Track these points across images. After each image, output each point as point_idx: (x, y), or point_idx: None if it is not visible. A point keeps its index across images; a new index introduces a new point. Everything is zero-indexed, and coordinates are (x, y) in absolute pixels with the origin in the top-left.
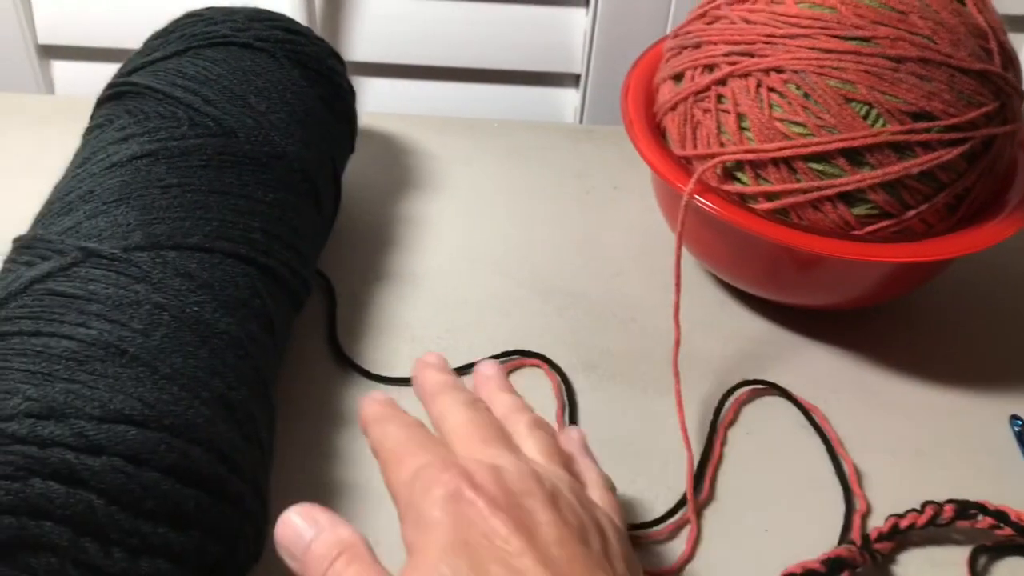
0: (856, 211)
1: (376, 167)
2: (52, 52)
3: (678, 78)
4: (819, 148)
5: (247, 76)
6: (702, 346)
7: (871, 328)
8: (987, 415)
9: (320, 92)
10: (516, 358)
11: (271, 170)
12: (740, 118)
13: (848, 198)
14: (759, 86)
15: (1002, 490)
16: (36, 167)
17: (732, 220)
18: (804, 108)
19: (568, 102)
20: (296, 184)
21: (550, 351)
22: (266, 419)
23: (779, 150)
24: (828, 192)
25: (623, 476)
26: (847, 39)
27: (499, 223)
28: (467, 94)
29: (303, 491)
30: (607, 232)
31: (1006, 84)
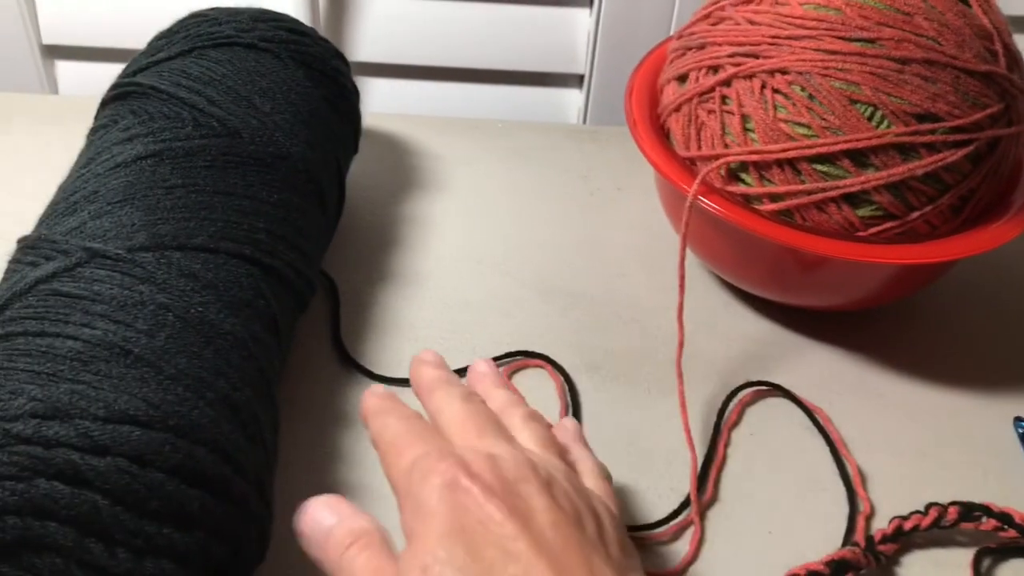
0: (860, 212)
1: (380, 167)
2: (56, 52)
3: (682, 79)
4: (823, 149)
5: (251, 76)
6: (706, 347)
7: (875, 329)
8: (991, 416)
9: (324, 92)
10: (519, 359)
11: (275, 170)
12: (744, 119)
13: (852, 199)
14: (763, 87)
15: (1006, 492)
16: (40, 167)
17: (736, 221)
18: (808, 109)
19: (572, 103)
20: (300, 184)
21: (553, 352)
22: (270, 420)
23: (783, 151)
24: (832, 193)
25: (626, 477)
26: (852, 40)
27: (502, 224)
28: (471, 95)
29: (307, 491)
30: (611, 233)
31: (1011, 85)
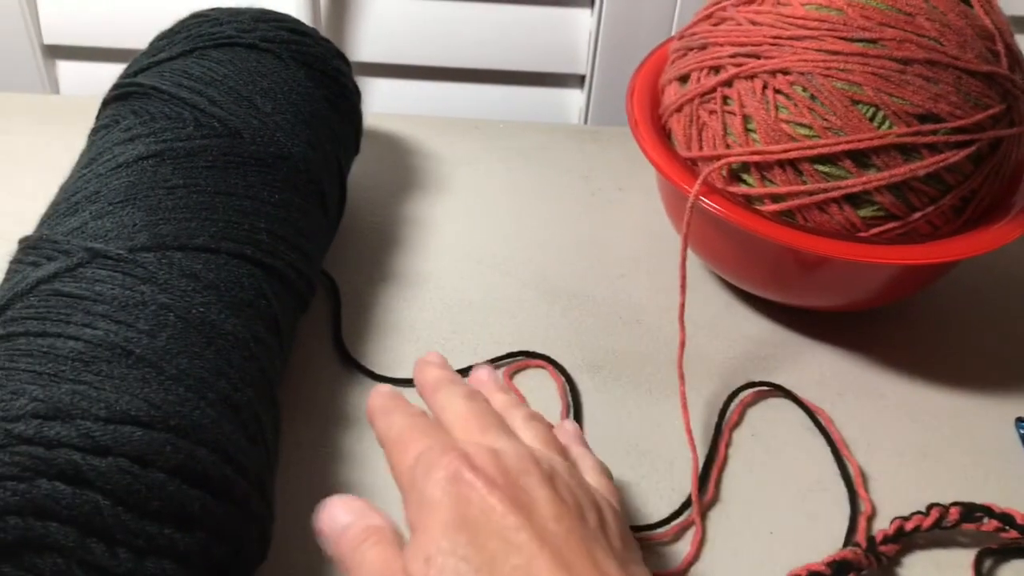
0: (862, 213)
1: (381, 168)
2: (57, 52)
3: (684, 79)
4: (825, 150)
5: (253, 77)
6: (707, 347)
7: (876, 330)
8: (993, 417)
9: (325, 93)
10: (521, 359)
11: (277, 171)
12: (746, 120)
13: (854, 200)
14: (765, 88)
15: (1008, 493)
16: (41, 167)
17: (738, 222)
18: (810, 110)
19: (573, 103)
20: (302, 185)
21: (555, 352)
22: (271, 420)
23: (785, 152)
24: (834, 194)
25: (627, 477)
26: (854, 41)
27: (504, 224)
28: (472, 95)
29: (308, 492)
30: (612, 233)
31: (1013, 86)
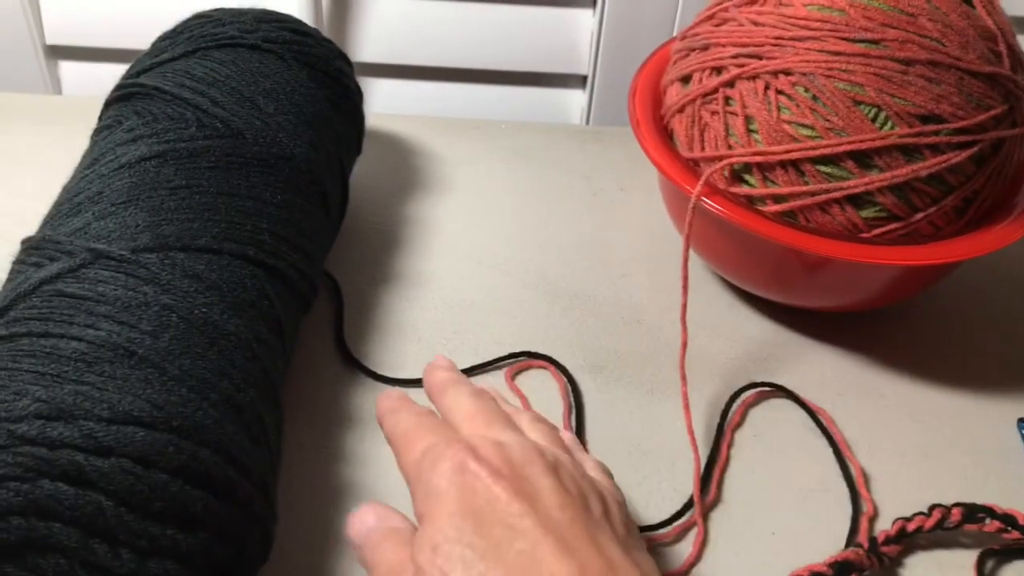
0: (864, 214)
1: (383, 168)
2: (60, 52)
3: (686, 80)
4: (827, 150)
5: (255, 77)
6: (709, 348)
7: (878, 330)
8: (995, 418)
9: (328, 93)
10: (523, 359)
11: (279, 171)
12: (748, 120)
13: (856, 201)
14: (767, 88)
15: (1010, 493)
16: (43, 168)
17: (740, 222)
18: (812, 110)
19: (575, 103)
20: (304, 185)
21: (556, 352)
22: (274, 420)
23: (787, 152)
24: (836, 195)
25: (629, 478)
26: (856, 41)
27: (506, 224)
28: (474, 95)
29: (311, 492)
30: (614, 234)
31: (1015, 87)
